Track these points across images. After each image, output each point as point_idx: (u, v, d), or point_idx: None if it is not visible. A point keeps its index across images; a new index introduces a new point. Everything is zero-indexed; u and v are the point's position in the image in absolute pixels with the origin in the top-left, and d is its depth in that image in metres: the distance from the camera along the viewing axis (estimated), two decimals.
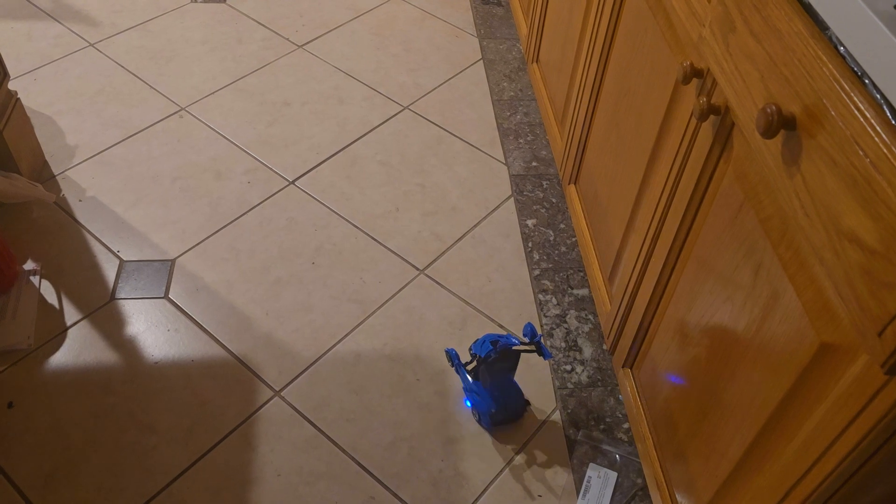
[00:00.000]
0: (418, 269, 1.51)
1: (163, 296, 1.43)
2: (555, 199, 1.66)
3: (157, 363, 1.32)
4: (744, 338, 0.80)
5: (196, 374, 1.31)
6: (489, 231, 1.60)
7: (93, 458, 1.19)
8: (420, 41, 2.10)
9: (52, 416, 1.23)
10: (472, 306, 1.45)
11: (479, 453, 1.24)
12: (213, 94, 1.87)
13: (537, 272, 1.51)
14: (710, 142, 0.86)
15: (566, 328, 1.42)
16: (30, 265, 1.45)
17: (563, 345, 1.39)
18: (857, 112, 0.57)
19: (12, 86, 1.58)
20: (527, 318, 1.44)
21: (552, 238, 1.58)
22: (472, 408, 1.27)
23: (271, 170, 1.69)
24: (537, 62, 1.79)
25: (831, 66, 0.60)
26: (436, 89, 1.94)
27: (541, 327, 1.42)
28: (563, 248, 1.56)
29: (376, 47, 2.06)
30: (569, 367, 1.35)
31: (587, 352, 1.38)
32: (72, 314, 1.38)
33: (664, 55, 1.00)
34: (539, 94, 1.75)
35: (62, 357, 1.32)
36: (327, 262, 1.51)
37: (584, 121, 1.37)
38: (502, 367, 1.21)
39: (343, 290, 1.46)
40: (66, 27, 2.05)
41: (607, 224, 1.28)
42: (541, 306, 1.45)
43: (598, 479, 1.20)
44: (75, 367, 1.30)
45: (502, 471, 1.22)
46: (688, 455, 0.96)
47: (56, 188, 1.61)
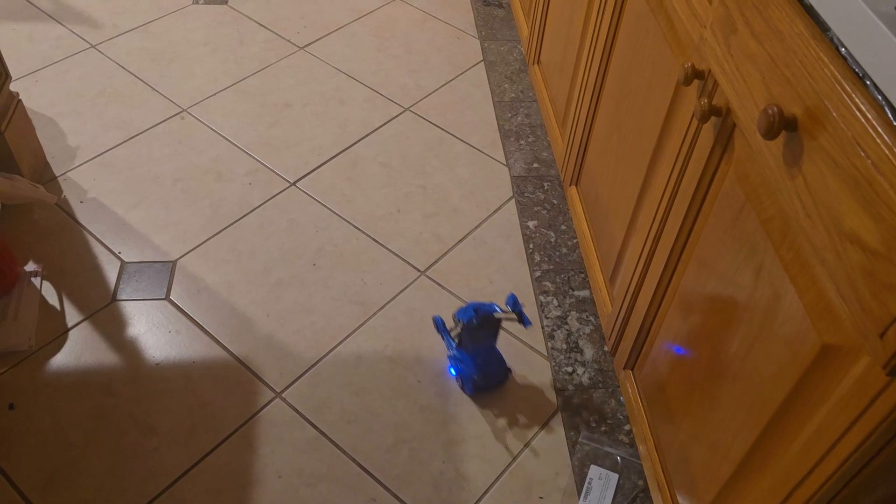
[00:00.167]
0: (419, 270, 1.51)
1: (164, 297, 1.43)
2: (556, 201, 1.66)
3: (158, 364, 1.32)
4: (745, 339, 0.80)
5: (197, 375, 1.31)
6: (490, 232, 1.59)
7: (93, 460, 1.19)
8: (421, 43, 2.10)
9: (52, 418, 1.23)
10: None
11: (480, 455, 1.23)
12: (214, 95, 1.87)
13: (538, 273, 1.51)
14: (712, 143, 0.85)
15: (567, 330, 1.41)
16: (31, 266, 1.45)
17: (565, 346, 1.39)
18: (858, 113, 0.57)
19: (14, 87, 1.58)
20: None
21: (553, 239, 1.58)
22: (457, 375, 1.32)
23: (272, 171, 1.69)
24: (538, 64, 1.79)
25: (832, 68, 0.60)
26: (437, 91, 1.94)
27: (542, 329, 1.42)
28: (565, 250, 1.56)
29: (377, 49, 2.06)
30: (570, 369, 1.35)
31: (588, 353, 1.38)
32: (73, 315, 1.38)
33: (665, 56, 1.00)
34: (540, 95, 1.75)
35: (63, 358, 1.32)
36: (328, 263, 1.51)
37: (586, 122, 1.37)
38: (484, 334, 1.25)
39: (344, 292, 1.46)
40: (68, 29, 2.05)
41: (608, 225, 1.28)
42: (542, 308, 1.45)
43: (600, 480, 1.20)
44: (76, 369, 1.30)
45: (503, 472, 1.22)
46: (689, 457, 0.96)
47: (57, 189, 1.61)
